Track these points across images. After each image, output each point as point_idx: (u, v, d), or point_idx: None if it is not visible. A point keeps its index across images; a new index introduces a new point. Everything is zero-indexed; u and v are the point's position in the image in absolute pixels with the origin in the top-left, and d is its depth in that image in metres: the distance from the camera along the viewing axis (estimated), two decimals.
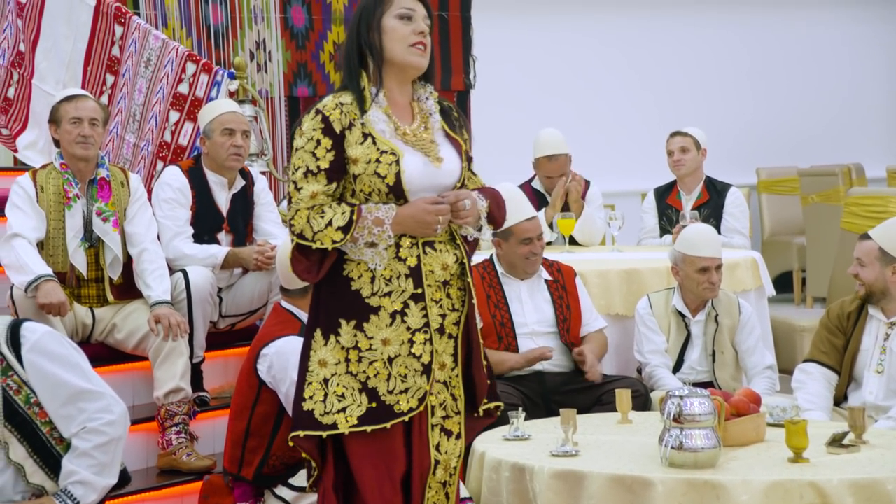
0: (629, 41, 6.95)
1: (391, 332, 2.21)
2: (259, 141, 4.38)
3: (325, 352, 2.23)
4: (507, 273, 3.63)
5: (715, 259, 3.60)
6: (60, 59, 4.27)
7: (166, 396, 3.37)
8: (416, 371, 2.22)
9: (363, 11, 2.27)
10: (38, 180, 3.44)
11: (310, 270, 2.22)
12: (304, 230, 2.18)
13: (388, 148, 2.21)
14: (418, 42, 2.25)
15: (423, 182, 2.23)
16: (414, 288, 2.22)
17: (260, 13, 5.04)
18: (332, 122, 2.20)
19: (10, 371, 2.39)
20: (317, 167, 2.19)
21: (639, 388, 3.47)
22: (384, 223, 2.18)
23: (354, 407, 2.20)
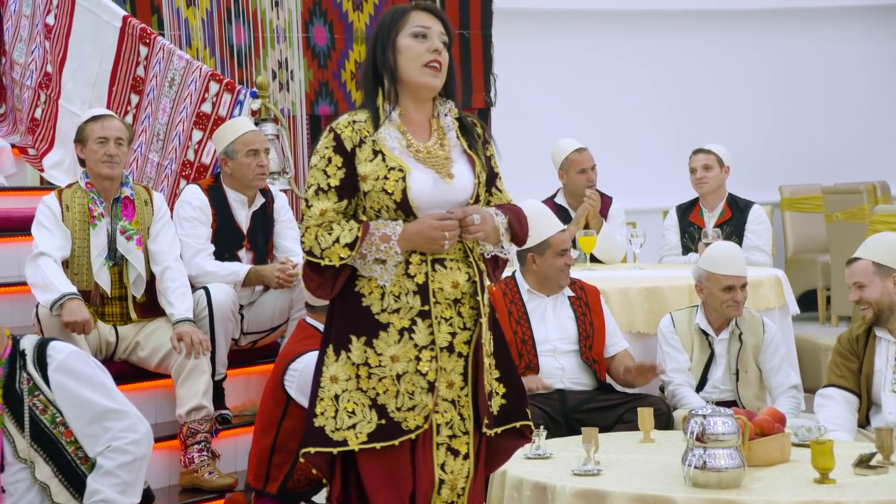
0: (651, 58, 6.96)
1: (399, 349, 2.22)
2: (281, 159, 4.42)
3: (336, 367, 2.24)
4: (533, 289, 3.62)
5: (740, 278, 3.58)
6: (86, 80, 4.33)
7: (188, 414, 3.38)
8: (422, 388, 2.23)
9: (379, 30, 2.29)
10: (63, 199, 3.49)
11: (323, 287, 2.24)
12: (312, 247, 2.21)
13: (395, 164, 2.22)
14: (432, 61, 2.25)
15: (432, 198, 2.23)
16: (421, 305, 2.22)
17: (282, 33, 5.09)
18: (343, 140, 2.22)
19: (36, 390, 2.42)
20: (327, 185, 2.21)
21: (661, 406, 3.45)
22: (391, 239, 2.19)
23: (364, 423, 2.21)
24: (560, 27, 6.71)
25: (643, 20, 6.90)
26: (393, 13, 2.29)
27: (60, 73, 4.39)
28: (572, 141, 4.74)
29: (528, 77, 6.41)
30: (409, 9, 2.29)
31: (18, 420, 2.42)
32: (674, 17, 6.96)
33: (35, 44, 4.49)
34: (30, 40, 4.51)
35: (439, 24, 2.29)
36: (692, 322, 3.68)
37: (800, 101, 7.27)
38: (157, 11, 4.80)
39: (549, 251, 3.56)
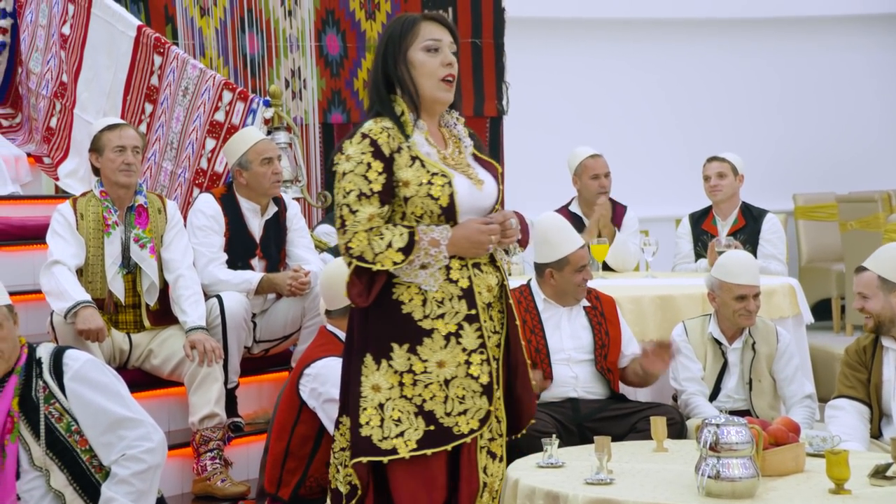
0: (663, 67, 6.95)
1: (446, 354, 2.22)
2: (293, 167, 4.43)
3: (377, 376, 2.23)
4: (549, 299, 3.62)
5: (753, 287, 3.57)
6: (101, 89, 4.36)
7: (201, 422, 3.40)
8: (474, 392, 2.23)
9: (389, 42, 2.29)
10: (78, 208, 3.51)
11: (362, 294, 2.23)
12: (364, 252, 2.19)
13: (438, 170, 2.23)
14: (447, 75, 2.27)
15: (469, 204, 2.26)
16: (468, 309, 2.23)
17: (295, 42, 5.12)
18: (380, 146, 2.22)
19: (52, 399, 2.44)
20: (370, 190, 2.20)
21: (674, 415, 3.44)
22: (440, 244, 2.20)
23: (412, 431, 2.21)
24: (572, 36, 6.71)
25: (655, 29, 6.90)
26: (402, 24, 2.29)
27: (76, 82, 4.43)
28: (588, 148, 4.75)
29: (539, 86, 6.41)
30: (418, 20, 2.29)
31: (34, 428, 2.44)
32: (685, 25, 6.96)
33: (51, 54, 4.53)
34: (45, 50, 4.54)
35: (449, 34, 2.30)
36: (705, 331, 3.67)
37: (811, 110, 7.25)
38: (172, 21, 4.84)
39: (567, 267, 3.56)
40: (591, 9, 6.69)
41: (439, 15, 2.33)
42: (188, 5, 4.87)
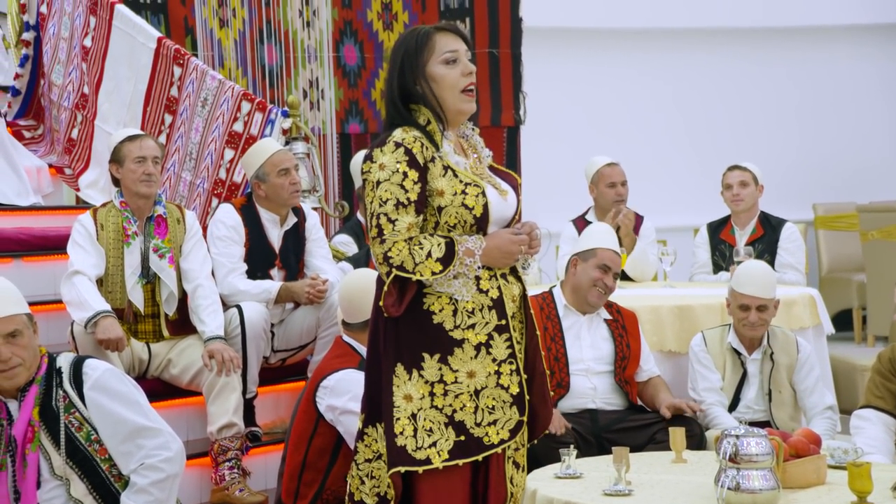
0: (681, 76, 6.94)
1: (476, 365, 2.22)
2: (311, 178, 4.45)
3: (409, 386, 2.23)
4: (569, 305, 3.60)
5: (756, 298, 3.53)
6: (122, 101, 4.40)
7: (219, 432, 3.41)
8: (504, 402, 2.23)
9: (405, 58, 2.26)
10: (98, 218, 3.54)
11: (396, 304, 2.23)
12: (404, 262, 2.19)
13: (471, 180, 2.23)
14: (469, 85, 2.26)
15: (497, 214, 2.27)
16: (498, 319, 2.23)
17: (313, 52, 5.15)
18: (415, 155, 2.21)
19: (72, 408, 2.46)
20: (406, 199, 2.20)
21: (693, 426, 3.42)
22: (475, 254, 2.20)
23: (443, 441, 2.21)
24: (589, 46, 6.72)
25: (671, 39, 6.89)
26: (416, 39, 2.26)
27: (97, 93, 4.47)
28: (606, 157, 4.75)
29: (557, 96, 6.42)
30: (431, 32, 2.27)
31: (55, 437, 2.46)
32: (701, 35, 6.94)
33: (72, 66, 4.57)
34: (67, 62, 4.59)
35: (463, 43, 2.29)
36: (724, 341, 3.65)
37: (829, 119, 7.22)
38: (191, 32, 4.88)
39: (592, 260, 3.55)
40: (608, 19, 6.70)
41: (451, 25, 2.31)
42: (208, 17, 4.91)
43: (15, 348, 2.46)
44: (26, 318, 2.52)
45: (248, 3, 4.99)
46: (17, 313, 2.49)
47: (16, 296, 2.53)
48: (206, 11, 4.90)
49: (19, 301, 2.54)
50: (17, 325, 2.47)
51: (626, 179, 4.68)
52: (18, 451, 2.44)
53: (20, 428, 2.45)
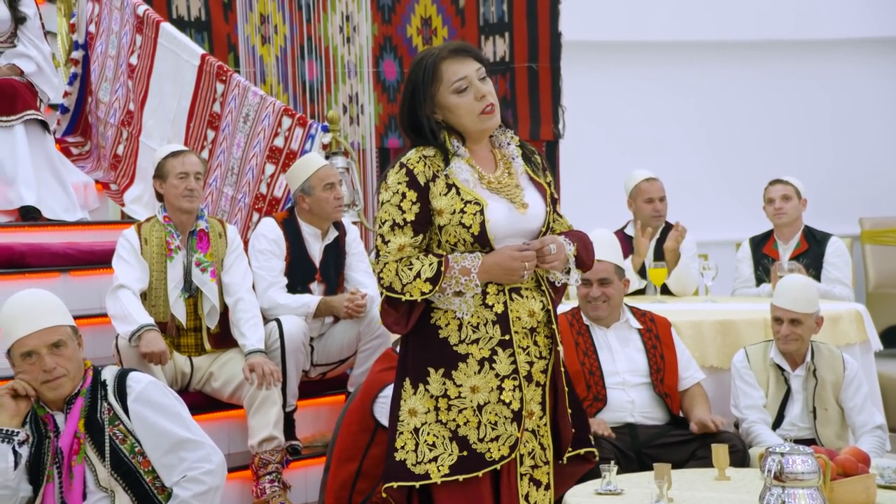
0: (725, 88, 6.88)
1: (479, 380, 2.22)
2: (351, 192, 4.48)
3: (414, 401, 2.24)
4: (590, 320, 3.59)
5: (788, 311, 3.48)
6: (166, 117, 4.47)
7: (260, 445, 3.43)
8: (505, 418, 2.22)
9: (415, 89, 2.24)
10: (142, 233, 3.59)
11: (399, 322, 2.24)
12: (392, 283, 2.21)
13: (471, 198, 2.22)
14: (486, 107, 2.24)
15: (508, 229, 2.24)
16: (501, 334, 2.22)
17: (353, 68, 5.19)
18: (416, 175, 2.22)
19: (116, 420, 2.49)
20: (403, 220, 2.21)
21: (736, 443, 3.37)
22: (471, 272, 2.20)
23: (446, 456, 2.21)
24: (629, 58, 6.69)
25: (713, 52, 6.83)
26: (423, 71, 2.24)
27: (142, 110, 4.54)
28: (645, 171, 4.71)
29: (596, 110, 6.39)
30: (437, 61, 2.24)
31: (100, 449, 2.49)
32: (744, 48, 6.88)
33: (119, 83, 4.66)
34: (114, 80, 4.68)
35: (472, 62, 2.25)
36: (767, 357, 3.59)
37: (867, 131, 7.10)
38: (234, 49, 4.95)
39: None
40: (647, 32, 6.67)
41: (458, 46, 2.27)
42: (250, 34, 4.98)
43: (59, 359, 2.50)
44: (70, 330, 2.56)
45: (290, 19, 5.05)
46: (61, 324, 2.54)
47: (60, 308, 2.58)
48: (249, 28, 4.97)
49: (64, 313, 2.58)
50: (61, 335, 2.52)
51: (664, 195, 4.62)
52: (65, 462, 2.48)
53: (66, 440, 2.49)
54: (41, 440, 2.52)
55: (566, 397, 2.32)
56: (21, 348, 2.51)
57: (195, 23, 4.89)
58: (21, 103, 4.22)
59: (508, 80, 5.28)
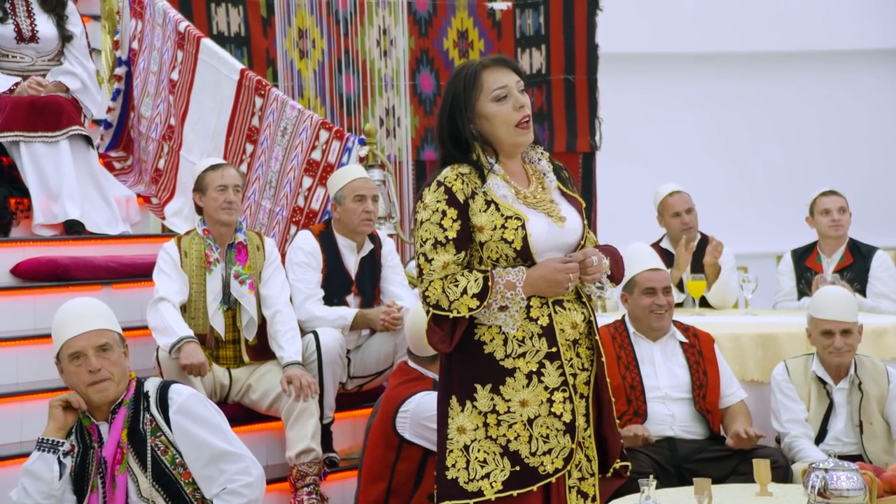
0: (760, 100, 6.83)
1: (528, 393, 2.21)
2: (387, 204, 4.49)
3: (462, 418, 2.24)
4: (638, 333, 3.56)
5: (839, 323, 3.42)
6: (206, 131, 4.53)
7: (298, 457, 3.44)
8: (557, 430, 2.21)
9: (454, 99, 2.26)
10: (182, 246, 3.64)
11: (444, 340, 2.25)
12: (440, 300, 2.21)
13: (512, 213, 2.23)
14: (523, 118, 2.25)
15: (548, 243, 2.25)
16: (548, 347, 2.22)
17: (390, 81, 5.22)
18: (455, 193, 2.23)
19: (158, 431, 2.52)
20: (445, 238, 2.22)
21: (778, 458, 3.32)
22: (516, 287, 2.20)
23: (498, 472, 2.20)
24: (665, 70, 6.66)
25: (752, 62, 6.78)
26: (464, 78, 2.26)
27: (182, 125, 4.61)
28: (671, 185, 4.66)
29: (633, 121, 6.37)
30: (479, 70, 2.26)
31: (142, 460, 2.52)
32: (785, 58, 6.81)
33: (160, 98, 4.73)
34: (156, 95, 4.75)
35: (512, 74, 2.27)
36: (808, 370, 3.53)
37: None
38: (273, 64, 5.01)
39: (636, 289, 3.51)
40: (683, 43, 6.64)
41: (499, 58, 2.30)
42: (288, 48, 5.03)
43: (105, 362, 2.54)
44: (117, 336, 2.60)
45: (328, 33, 5.10)
46: (107, 328, 2.58)
47: (108, 314, 2.63)
48: (287, 43, 5.02)
49: (111, 319, 2.63)
50: (108, 339, 2.56)
51: (691, 206, 4.55)
52: (108, 472, 2.51)
53: (110, 450, 2.52)
54: (86, 450, 2.55)
55: (612, 408, 2.31)
56: (69, 349, 2.56)
57: (235, 38, 4.96)
58: (66, 119, 4.30)
59: (545, 92, 5.28)
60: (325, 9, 5.10)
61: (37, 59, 4.45)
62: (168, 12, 4.61)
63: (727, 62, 6.73)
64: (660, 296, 3.50)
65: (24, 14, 4.42)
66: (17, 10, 4.42)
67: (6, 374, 3.65)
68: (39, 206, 4.22)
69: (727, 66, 6.74)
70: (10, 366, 3.66)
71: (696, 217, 4.56)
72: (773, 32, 6.75)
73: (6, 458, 3.23)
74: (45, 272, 3.99)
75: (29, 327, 3.85)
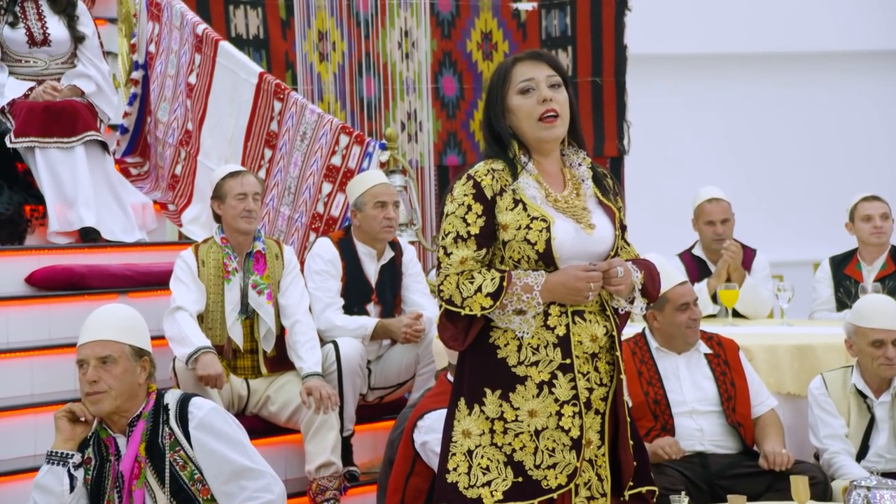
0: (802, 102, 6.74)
1: (538, 404, 2.19)
2: (408, 211, 4.48)
3: (469, 422, 2.22)
4: (662, 347, 3.51)
5: (891, 332, 3.36)
6: (224, 136, 4.54)
7: (317, 470, 3.43)
8: (564, 445, 2.19)
9: (490, 94, 2.29)
10: (199, 255, 3.64)
11: (456, 338, 2.23)
12: (453, 296, 2.20)
13: (538, 214, 2.21)
14: (545, 112, 2.24)
15: (574, 249, 2.22)
16: (562, 358, 2.20)
17: (412, 84, 5.22)
18: (483, 188, 2.22)
19: (177, 446, 2.51)
20: (467, 232, 2.21)
21: (817, 475, 3.26)
22: (533, 290, 2.18)
23: (500, 481, 2.18)
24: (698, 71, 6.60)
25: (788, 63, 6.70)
26: (498, 73, 2.29)
27: (200, 129, 4.62)
28: (711, 189, 4.59)
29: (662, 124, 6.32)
30: (510, 64, 2.28)
31: (160, 475, 2.51)
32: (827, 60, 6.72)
33: (177, 103, 4.75)
34: (173, 99, 4.77)
35: (545, 68, 2.27)
36: (847, 383, 3.47)
37: None
38: (292, 67, 5.02)
39: (667, 306, 3.45)
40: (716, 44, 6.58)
41: (534, 52, 2.30)
42: (308, 51, 5.04)
43: (105, 374, 2.52)
44: (129, 350, 2.56)
45: (348, 36, 5.10)
46: (116, 340, 2.54)
47: (128, 326, 2.59)
48: (307, 46, 5.03)
49: (131, 332, 2.58)
50: (113, 351, 2.53)
51: (728, 217, 4.48)
52: (125, 487, 2.51)
53: (127, 464, 2.52)
54: (102, 463, 2.55)
55: (628, 428, 2.27)
56: (77, 356, 2.57)
57: (253, 41, 4.97)
58: (82, 124, 4.33)
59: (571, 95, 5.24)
60: (346, 10, 5.10)
61: (50, 63, 4.49)
62: (185, 15, 4.63)
63: (763, 63, 6.67)
64: (693, 309, 3.46)
65: (34, 17, 4.46)
66: (28, 13, 4.46)
67: (20, 386, 3.67)
68: (55, 213, 4.24)
69: (763, 67, 6.67)
70: (25, 377, 3.68)
71: (731, 228, 4.49)
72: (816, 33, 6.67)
73: (20, 471, 3.25)
74: (60, 281, 4.01)
75: (44, 337, 3.87)
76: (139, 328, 2.61)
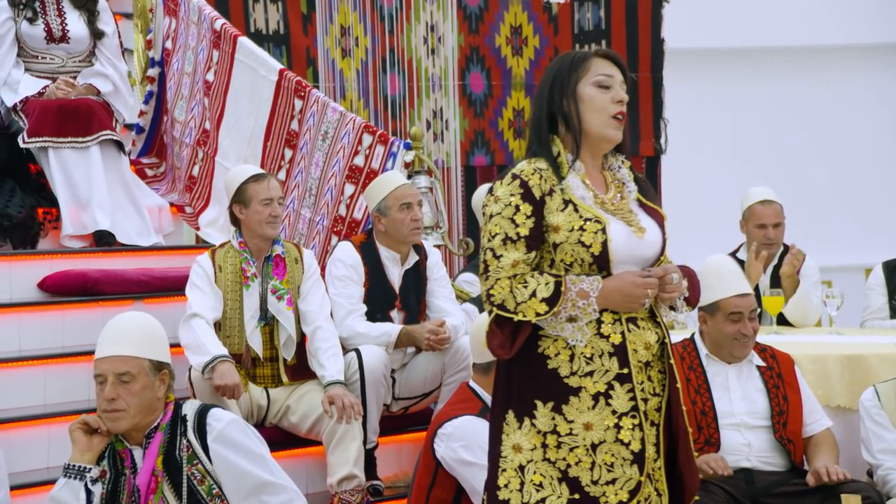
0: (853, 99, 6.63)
1: (594, 416, 2.16)
2: (434, 213, 4.45)
3: (519, 436, 2.20)
4: (711, 354, 3.46)
5: None
6: (242, 135, 4.54)
7: (339, 483, 3.41)
8: (624, 460, 2.16)
9: (556, 77, 2.28)
10: (216, 260, 3.63)
11: (503, 345, 2.20)
12: (506, 300, 2.17)
13: (592, 215, 2.20)
14: (618, 113, 2.26)
15: (626, 254, 2.21)
16: (619, 368, 2.17)
17: (438, 81, 5.19)
18: (531, 188, 2.20)
19: (195, 459, 2.50)
20: (516, 234, 2.19)
21: (870, 493, 3.20)
22: (589, 296, 2.15)
23: (554, 498, 2.16)
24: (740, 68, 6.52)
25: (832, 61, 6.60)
26: (572, 59, 2.30)
27: (218, 129, 4.62)
28: (763, 190, 4.53)
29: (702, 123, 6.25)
30: (590, 55, 2.30)
31: (177, 489, 2.50)
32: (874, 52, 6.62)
33: (195, 101, 4.75)
34: (190, 98, 4.78)
35: (620, 73, 2.30)
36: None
37: None
38: (313, 63, 5.01)
39: (718, 314, 3.41)
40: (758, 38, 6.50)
41: (612, 52, 2.34)
42: (330, 47, 5.03)
43: (124, 392, 2.51)
44: (148, 364, 2.55)
45: (371, 31, 5.09)
46: (134, 356, 2.54)
47: (149, 340, 2.58)
48: (329, 41, 5.02)
49: (151, 345, 2.57)
50: (131, 368, 2.52)
51: (780, 221, 4.43)
52: (142, 501, 2.50)
53: (144, 478, 2.51)
54: (117, 477, 2.54)
55: (689, 439, 2.25)
56: (94, 369, 2.57)
57: (273, 36, 4.97)
58: (97, 123, 4.34)
59: None
60: (370, 4, 5.10)
61: (67, 61, 4.51)
62: (203, 9, 4.64)
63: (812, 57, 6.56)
64: (746, 323, 3.40)
65: (54, 13, 4.48)
66: (48, 8, 4.48)
67: (33, 395, 3.68)
68: (68, 215, 4.26)
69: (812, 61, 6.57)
70: (38, 386, 3.69)
71: (782, 233, 4.43)
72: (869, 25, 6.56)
73: (33, 484, 3.25)
74: (73, 286, 4.02)
75: (57, 345, 3.88)
76: (159, 340, 2.60)
